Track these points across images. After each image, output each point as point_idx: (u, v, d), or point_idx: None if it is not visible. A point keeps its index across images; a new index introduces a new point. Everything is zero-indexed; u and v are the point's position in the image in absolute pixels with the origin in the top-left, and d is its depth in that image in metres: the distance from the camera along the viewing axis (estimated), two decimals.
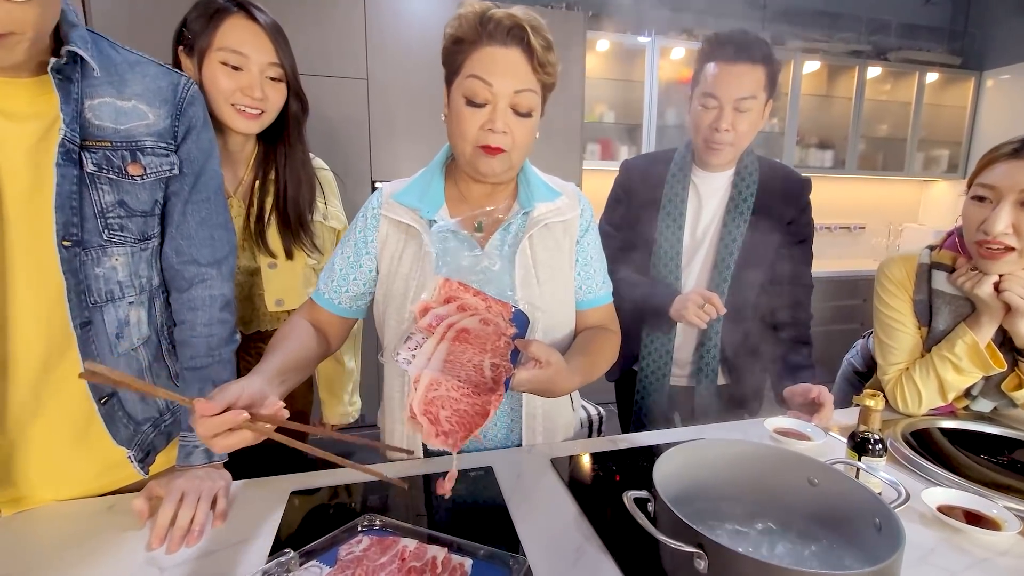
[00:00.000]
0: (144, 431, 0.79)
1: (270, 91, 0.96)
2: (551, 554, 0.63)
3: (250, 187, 1.04)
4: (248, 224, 1.02)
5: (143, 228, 0.74)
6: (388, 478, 0.66)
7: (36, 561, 0.63)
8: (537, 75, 0.78)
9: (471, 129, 0.77)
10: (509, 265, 0.85)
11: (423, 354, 0.68)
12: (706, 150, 1.12)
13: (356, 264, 0.87)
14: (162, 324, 0.81)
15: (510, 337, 0.73)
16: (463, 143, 0.79)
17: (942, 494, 0.74)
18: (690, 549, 0.50)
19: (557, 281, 0.88)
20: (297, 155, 1.05)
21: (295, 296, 1.07)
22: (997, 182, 0.88)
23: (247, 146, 1.03)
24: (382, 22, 2.55)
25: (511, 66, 0.75)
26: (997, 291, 0.90)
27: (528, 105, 0.78)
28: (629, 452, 0.91)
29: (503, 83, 0.75)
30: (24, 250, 0.66)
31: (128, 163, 0.71)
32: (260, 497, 0.75)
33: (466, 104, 0.77)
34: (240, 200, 1.03)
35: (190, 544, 0.65)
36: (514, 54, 0.75)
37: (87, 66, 0.67)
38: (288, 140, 1.04)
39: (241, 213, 1.03)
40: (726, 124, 1.07)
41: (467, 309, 0.72)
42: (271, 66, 0.95)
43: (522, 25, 0.74)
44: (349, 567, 0.57)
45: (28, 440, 0.71)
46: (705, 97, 1.09)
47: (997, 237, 0.87)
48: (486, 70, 0.75)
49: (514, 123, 0.78)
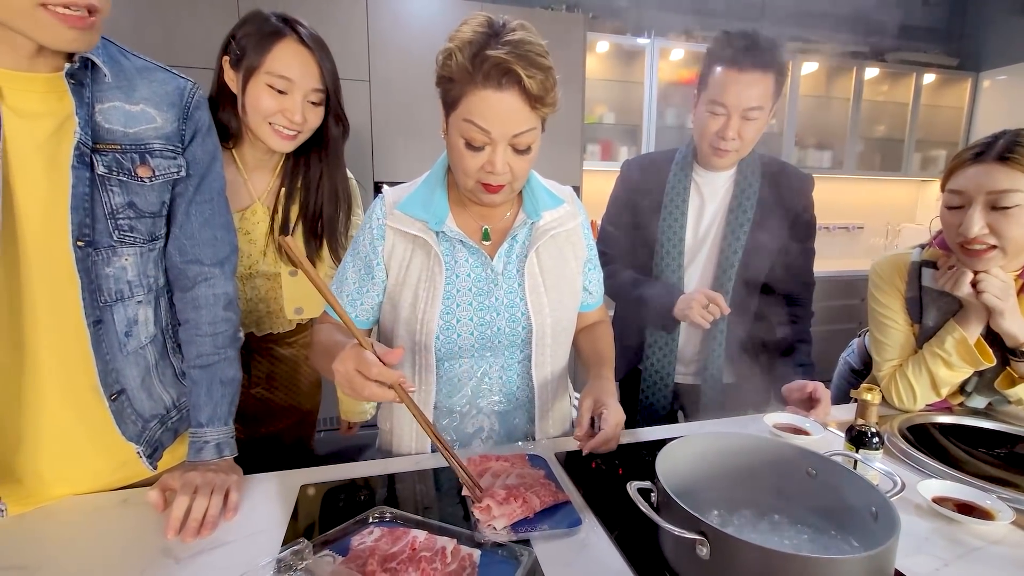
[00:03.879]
0: (151, 427, 0.80)
1: (309, 114, 0.98)
2: (556, 543, 0.65)
3: (275, 195, 1.05)
4: (272, 230, 1.04)
5: (151, 229, 0.75)
6: (470, 476, 0.71)
7: (55, 553, 0.64)
8: (536, 112, 0.75)
9: (471, 168, 0.77)
10: (518, 274, 0.88)
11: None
12: (711, 154, 1.14)
13: (369, 276, 0.88)
14: (167, 323, 0.82)
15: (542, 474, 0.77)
16: (464, 178, 0.79)
17: (937, 486, 0.76)
18: (692, 536, 0.52)
19: (563, 288, 0.91)
20: (336, 173, 1.07)
21: (314, 304, 1.09)
22: (964, 187, 0.91)
23: (275, 155, 1.04)
24: (384, 24, 2.57)
25: (508, 111, 0.72)
26: (976, 291, 0.92)
27: (528, 142, 0.76)
28: (632, 446, 0.92)
29: (501, 129, 0.73)
30: (38, 249, 0.67)
31: (137, 165, 0.72)
32: (271, 491, 0.77)
33: (465, 146, 0.76)
34: (264, 206, 1.05)
35: (203, 535, 0.66)
36: (509, 97, 0.72)
37: (98, 71, 0.68)
38: (326, 157, 1.05)
39: (264, 219, 1.04)
40: (733, 132, 1.08)
41: (500, 474, 0.76)
42: (314, 91, 0.97)
43: (515, 71, 0.70)
44: (361, 556, 0.59)
45: (43, 436, 0.72)
46: (713, 104, 1.08)
47: (976, 238, 0.89)
48: (482, 116, 0.72)
49: (514, 160, 0.77)
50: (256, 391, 1.11)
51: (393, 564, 0.58)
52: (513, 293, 0.88)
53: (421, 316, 0.85)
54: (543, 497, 0.69)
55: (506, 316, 0.88)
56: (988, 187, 0.88)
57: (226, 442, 0.80)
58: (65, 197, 0.66)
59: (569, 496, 0.73)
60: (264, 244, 1.05)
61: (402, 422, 0.92)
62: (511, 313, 0.88)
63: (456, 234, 0.85)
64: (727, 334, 1.19)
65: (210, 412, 0.80)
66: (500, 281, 0.87)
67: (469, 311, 0.86)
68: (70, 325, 0.69)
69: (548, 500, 0.70)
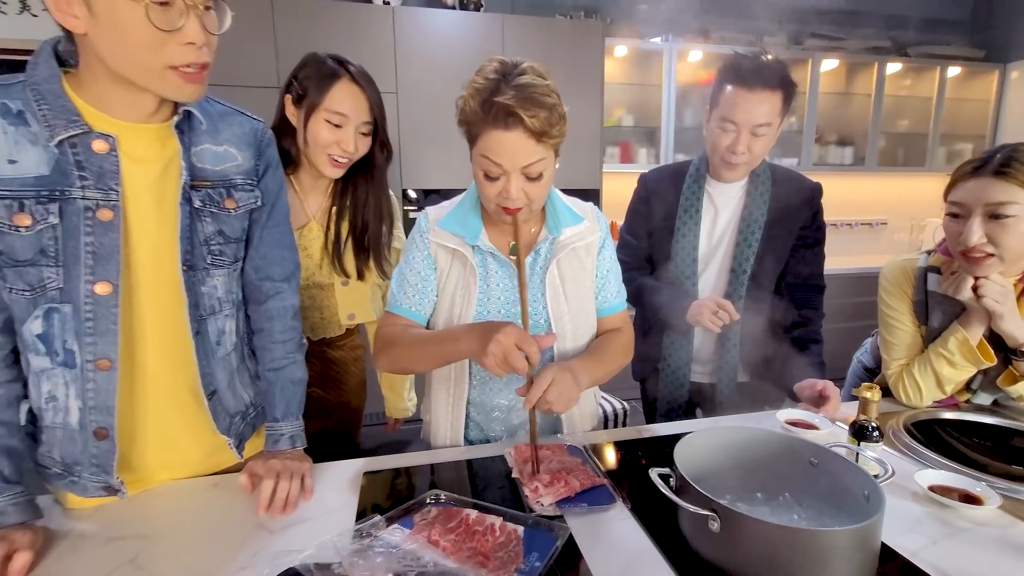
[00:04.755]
0: (236, 422, 0.93)
1: (360, 143, 1.10)
2: (587, 520, 0.75)
3: (327, 213, 1.18)
4: (326, 245, 1.17)
5: (235, 252, 0.87)
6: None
7: (168, 526, 0.77)
8: (543, 145, 0.84)
9: (491, 195, 0.88)
10: (540, 284, 0.98)
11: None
12: (723, 167, 1.22)
13: (428, 276, 0.99)
14: (244, 333, 0.94)
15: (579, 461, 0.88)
16: (487, 201, 0.91)
17: (934, 475, 0.84)
18: (705, 512, 0.61)
19: (581, 296, 1.01)
20: (381, 193, 1.19)
21: (364, 311, 1.21)
22: (963, 199, 0.98)
23: (326, 178, 1.16)
24: (410, 38, 2.69)
25: (516, 147, 0.82)
26: (976, 295, 0.99)
27: (538, 170, 0.86)
28: (653, 439, 1.02)
29: (511, 161, 0.83)
30: (147, 273, 0.78)
31: (224, 199, 0.83)
32: (338, 476, 0.89)
33: (484, 177, 0.87)
34: (319, 224, 1.17)
35: (287, 512, 0.79)
36: (516, 135, 0.81)
37: (194, 119, 0.80)
38: (372, 179, 1.17)
39: (319, 236, 1.17)
40: (743, 147, 1.15)
41: (543, 460, 0.87)
42: (364, 123, 1.10)
43: (518, 114, 0.79)
44: (424, 529, 0.70)
45: (149, 431, 0.85)
46: (723, 121, 1.16)
47: (975, 247, 0.96)
48: (493, 152, 0.83)
49: (527, 186, 0.87)
50: (312, 390, 1.23)
51: (452, 536, 0.69)
52: (536, 301, 0.98)
53: (457, 320, 0.97)
54: (582, 480, 0.80)
55: (530, 321, 0.98)
56: (986, 199, 0.95)
57: (298, 434, 0.93)
58: (171, 228, 0.78)
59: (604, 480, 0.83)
60: (319, 258, 1.17)
61: (438, 416, 1.03)
62: (534, 319, 0.98)
63: (488, 248, 0.96)
64: (741, 336, 1.27)
65: (283, 409, 0.92)
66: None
67: (499, 316, 0.98)
68: (175, 336, 0.81)
69: (587, 483, 0.80)
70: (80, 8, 0.64)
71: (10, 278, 0.70)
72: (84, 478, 0.80)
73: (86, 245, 0.72)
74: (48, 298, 0.72)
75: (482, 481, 0.89)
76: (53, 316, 0.73)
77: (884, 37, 3.66)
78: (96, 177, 0.71)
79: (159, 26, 0.64)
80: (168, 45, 0.67)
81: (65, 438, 0.79)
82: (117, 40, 0.65)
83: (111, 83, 0.70)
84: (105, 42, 0.66)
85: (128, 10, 0.63)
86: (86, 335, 0.74)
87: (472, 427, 1.04)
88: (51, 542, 0.73)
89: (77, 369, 0.75)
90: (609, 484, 0.83)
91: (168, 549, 0.72)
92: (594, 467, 0.87)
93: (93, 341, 0.74)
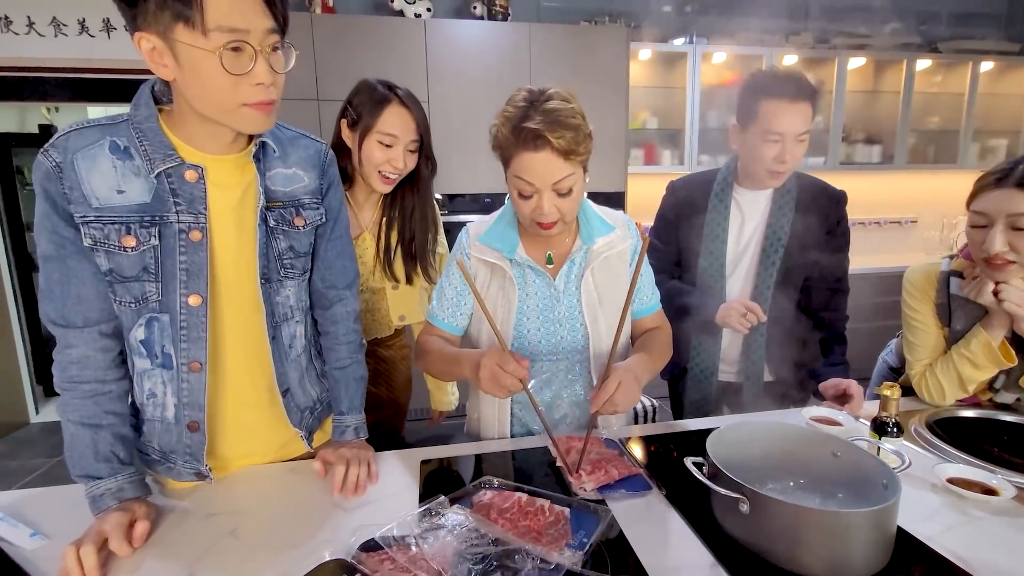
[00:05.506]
0: (306, 416, 1.03)
1: (409, 160, 1.21)
2: (627, 504, 0.84)
3: (379, 224, 1.29)
4: (378, 253, 1.28)
5: (304, 264, 0.97)
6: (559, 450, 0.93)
7: (255, 505, 0.88)
8: (571, 162, 0.91)
9: (525, 212, 0.97)
10: (576, 291, 1.06)
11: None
12: (769, 177, 1.26)
13: (464, 292, 1.09)
14: (311, 336, 1.04)
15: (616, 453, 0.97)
16: (523, 218, 1.00)
17: (952, 468, 0.89)
18: (736, 496, 0.69)
19: (615, 300, 1.08)
20: (426, 204, 1.30)
21: (414, 313, 1.32)
22: (986, 209, 1.02)
23: (376, 192, 1.27)
24: (440, 49, 2.79)
25: (545, 166, 0.90)
26: (997, 299, 1.03)
27: (568, 186, 0.92)
28: (683, 433, 1.09)
29: (542, 179, 0.91)
30: (229, 285, 0.88)
31: (294, 217, 0.93)
32: (398, 465, 0.99)
33: (518, 196, 0.95)
34: (371, 235, 1.28)
35: (358, 494, 0.89)
36: (545, 155, 0.89)
37: (268, 147, 0.90)
38: (419, 191, 1.28)
39: (372, 245, 1.28)
40: (789, 156, 1.21)
41: (583, 451, 0.93)
42: (412, 141, 1.20)
43: (545, 136, 0.87)
44: (483, 509, 0.79)
45: (229, 424, 0.95)
46: (767, 133, 1.21)
47: (997, 254, 1.00)
48: (525, 172, 0.91)
49: (559, 202, 0.94)
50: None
51: (507, 516, 0.78)
52: (573, 307, 1.06)
53: (499, 327, 1.05)
54: (620, 469, 0.88)
55: (567, 327, 1.07)
56: (1008, 210, 0.99)
57: (361, 426, 1.03)
58: (251, 246, 0.88)
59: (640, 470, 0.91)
60: (372, 265, 1.28)
61: (488, 412, 1.12)
62: (571, 324, 1.07)
63: (525, 260, 1.05)
64: (767, 337, 1.33)
65: (348, 403, 1.03)
66: (562, 298, 1.07)
67: (537, 323, 1.06)
68: (254, 342, 0.92)
69: (624, 472, 0.89)
70: (169, 59, 0.73)
71: (119, 292, 0.82)
72: (179, 465, 0.92)
73: (180, 263, 0.82)
74: (149, 309, 0.83)
75: (526, 469, 0.98)
76: (154, 324, 0.84)
77: (914, 33, 3.62)
78: (188, 203, 0.82)
79: (231, 71, 0.72)
80: (241, 86, 0.74)
81: (163, 430, 0.90)
82: (198, 85, 0.74)
83: (197, 121, 0.80)
84: (189, 86, 0.75)
85: (205, 58, 0.71)
86: (181, 341, 0.85)
87: (515, 422, 1.13)
88: (159, 517, 0.84)
89: (173, 370, 0.86)
90: (644, 473, 0.91)
91: (260, 523, 0.83)
92: (630, 458, 0.95)
93: (187, 346, 0.85)
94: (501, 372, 0.87)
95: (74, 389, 0.82)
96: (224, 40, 0.70)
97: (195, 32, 0.69)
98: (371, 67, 2.78)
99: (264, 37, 0.73)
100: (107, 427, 0.83)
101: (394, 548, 0.70)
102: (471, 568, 0.66)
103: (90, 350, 0.82)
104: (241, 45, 0.71)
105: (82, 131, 0.79)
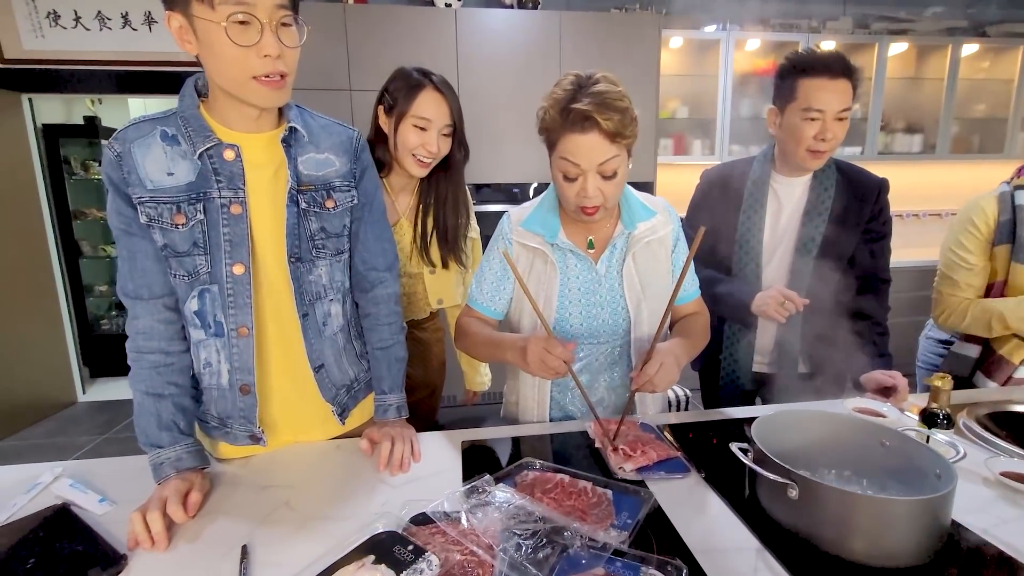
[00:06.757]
0: (341, 393, 1.06)
1: (442, 144, 1.22)
2: (667, 486, 0.84)
3: (415, 211, 1.31)
4: (414, 239, 1.30)
5: (337, 245, 0.99)
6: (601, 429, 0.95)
7: (305, 479, 0.91)
8: (616, 144, 0.91)
9: (570, 196, 0.97)
10: (618, 276, 1.07)
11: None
12: (809, 158, 1.23)
13: (504, 277, 1.11)
14: (351, 317, 1.07)
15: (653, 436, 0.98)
16: (567, 203, 1.00)
17: (1005, 463, 0.87)
18: (785, 481, 0.69)
19: (657, 285, 1.08)
20: (459, 189, 1.31)
21: (450, 296, 1.34)
22: None
23: (413, 179, 1.30)
24: (471, 37, 2.79)
25: (592, 147, 0.90)
26: None
27: (613, 168, 0.93)
28: (720, 422, 1.09)
29: (588, 161, 0.91)
30: (266, 263, 0.92)
31: (325, 199, 0.95)
32: (440, 445, 1.01)
33: (563, 179, 0.96)
34: (408, 221, 1.31)
35: (404, 470, 0.92)
36: (592, 137, 0.89)
37: (298, 133, 0.92)
38: (452, 177, 1.30)
39: (409, 231, 1.30)
40: (831, 134, 1.19)
41: (621, 434, 0.96)
42: (446, 126, 1.21)
43: (594, 118, 0.88)
44: (526, 488, 0.81)
45: (273, 397, 0.99)
46: (808, 111, 1.19)
47: None
48: (572, 153, 0.92)
49: (604, 185, 0.94)
50: None
51: (552, 495, 0.79)
52: (614, 291, 1.07)
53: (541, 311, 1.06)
54: (659, 451, 0.89)
55: (609, 310, 1.07)
56: None
57: (402, 406, 1.06)
58: (282, 226, 0.91)
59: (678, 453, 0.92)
60: (409, 250, 1.30)
61: (528, 395, 1.14)
62: (613, 308, 1.07)
63: (567, 245, 1.05)
64: (803, 327, 1.31)
65: (390, 382, 1.06)
66: (603, 282, 1.07)
67: (579, 307, 1.07)
68: (287, 317, 0.95)
69: (663, 454, 0.89)
70: (190, 35, 0.79)
71: (174, 266, 0.86)
72: (235, 429, 0.96)
73: (224, 235, 0.87)
74: (201, 281, 0.88)
75: (564, 452, 0.99)
76: (205, 295, 0.89)
77: (960, 16, 3.47)
78: (228, 179, 0.86)
79: (238, 42, 0.76)
80: (249, 58, 0.78)
81: (219, 396, 0.95)
82: (213, 58, 0.79)
83: (224, 98, 0.85)
84: (207, 60, 0.80)
85: (215, 31, 0.76)
86: (229, 308, 0.89)
87: (553, 406, 1.14)
88: (216, 488, 0.88)
89: (225, 337, 0.91)
90: (683, 456, 0.92)
91: (313, 495, 0.86)
92: (667, 441, 0.96)
93: (234, 313, 0.89)
94: (549, 355, 0.89)
95: (140, 360, 0.88)
96: (229, 12, 0.75)
97: (205, 5, 0.75)
98: (403, 57, 2.78)
99: (272, 11, 0.77)
100: (168, 397, 0.88)
101: (444, 522, 0.72)
102: (520, 543, 0.68)
103: (154, 321, 0.88)
104: (248, 18, 0.76)
105: (138, 125, 0.86)
